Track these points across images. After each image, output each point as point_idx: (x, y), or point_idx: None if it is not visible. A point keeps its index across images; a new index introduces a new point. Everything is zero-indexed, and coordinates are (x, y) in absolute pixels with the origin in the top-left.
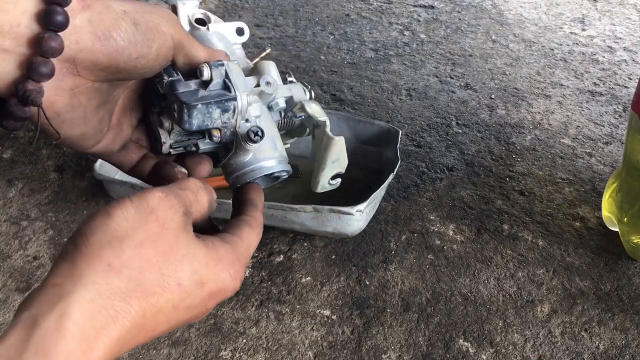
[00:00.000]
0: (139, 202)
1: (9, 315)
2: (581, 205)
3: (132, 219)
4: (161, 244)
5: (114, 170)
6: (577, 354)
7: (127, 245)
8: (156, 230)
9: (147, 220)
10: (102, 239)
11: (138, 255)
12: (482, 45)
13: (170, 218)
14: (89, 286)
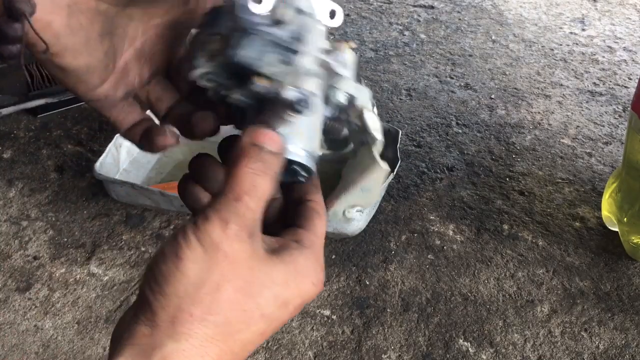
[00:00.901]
0: (203, 239)
1: (9, 315)
2: (581, 205)
3: (201, 261)
4: (237, 281)
5: (114, 170)
6: (577, 354)
7: (204, 293)
8: (229, 269)
9: (217, 259)
10: (179, 289)
11: (217, 299)
12: (482, 45)
13: (238, 250)
14: (178, 337)
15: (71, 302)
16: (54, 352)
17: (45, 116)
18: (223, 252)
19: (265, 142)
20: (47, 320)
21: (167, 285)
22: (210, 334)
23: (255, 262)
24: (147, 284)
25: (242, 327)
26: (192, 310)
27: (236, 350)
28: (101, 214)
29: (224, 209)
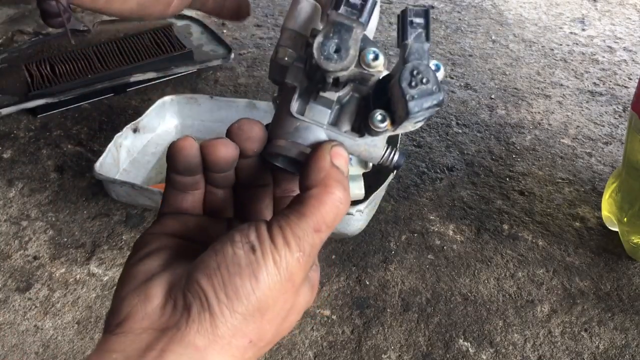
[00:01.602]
0: (281, 266)
1: (8, 315)
2: (581, 205)
3: (275, 289)
4: (289, 308)
5: (114, 170)
6: (577, 354)
7: (267, 320)
8: (292, 298)
9: (286, 289)
10: (249, 310)
11: (274, 326)
12: (482, 45)
13: (302, 279)
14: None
15: (71, 302)
16: (54, 352)
17: (45, 116)
18: (292, 283)
19: (342, 164)
20: (47, 321)
21: (239, 304)
22: (251, 356)
23: (302, 292)
24: (214, 291)
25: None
26: (252, 337)
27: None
28: (101, 214)
29: (303, 239)
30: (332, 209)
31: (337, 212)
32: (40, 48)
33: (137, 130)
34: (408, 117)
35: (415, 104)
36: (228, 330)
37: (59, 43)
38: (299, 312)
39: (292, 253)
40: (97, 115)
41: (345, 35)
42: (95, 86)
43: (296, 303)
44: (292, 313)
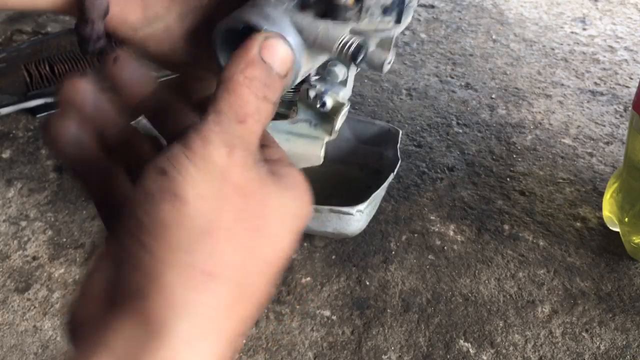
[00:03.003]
0: (206, 168)
1: (7, 316)
2: (582, 206)
3: (209, 196)
4: (250, 218)
5: None
6: (578, 355)
7: (218, 238)
8: (240, 204)
9: (226, 193)
10: (183, 235)
11: (233, 244)
12: (483, 44)
13: (248, 180)
14: (188, 314)
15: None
16: (53, 353)
17: (44, 116)
18: (232, 184)
19: (275, 61)
20: (46, 321)
21: (169, 234)
22: (230, 301)
23: (266, 194)
24: (134, 239)
25: (259, 282)
26: (208, 266)
27: (251, 316)
28: None
29: (227, 131)
30: (250, 98)
31: (256, 102)
32: (39, 48)
33: None
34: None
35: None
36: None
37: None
38: (283, 220)
39: (217, 149)
40: None
41: None
42: None
43: (266, 208)
44: (267, 222)
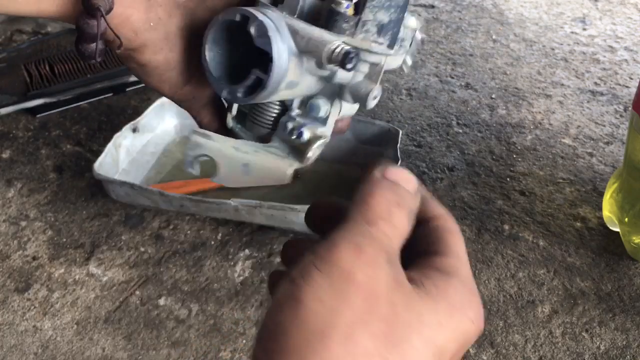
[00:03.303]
0: (330, 270)
1: (7, 316)
2: (582, 206)
3: (328, 298)
4: (377, 323)
5: (113, 170)
6: (578, 355)
7: (333, 341)
8: (363, 305)
9: (348, 293)
10: (299, 338)
11: (351, 349)
12: (483, 44)
13: (376, 279)
14: None
15: (70, 302)
16: (53, 353)
17: (44, 116)
18: (357, 283)
19: (400, 180)
20: (46, 321)
21: (286, 338)
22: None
23: (399, 296)
24: (260, 346)
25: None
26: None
27: None
28: (100, 214)
29: (354, 233)
30: (382, 202)
31: (388, 207)
32: (39, 48)
33: (136, 130)
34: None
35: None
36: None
37: (58, 43)
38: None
39: (342, 250)
40: (96, 115)
41: None
42: (94, 86)
43: (401, 315)
44: (400, 330)
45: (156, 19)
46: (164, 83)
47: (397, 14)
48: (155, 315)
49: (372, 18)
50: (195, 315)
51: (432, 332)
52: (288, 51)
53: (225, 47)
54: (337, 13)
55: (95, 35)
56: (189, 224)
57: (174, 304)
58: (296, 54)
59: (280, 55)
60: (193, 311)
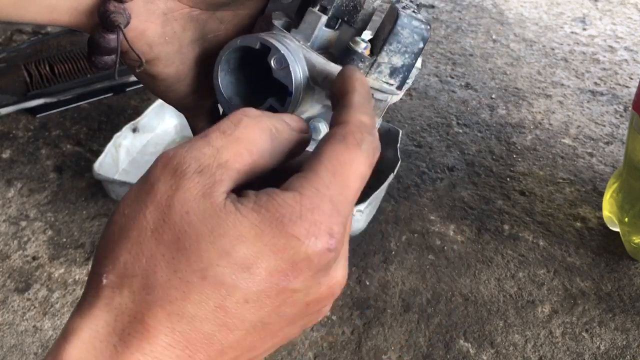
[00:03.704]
0: (139, 184)
1: (7, 316)
2: (582, 206)
3: (128, 210)
4: (165, 230)
5: (113, 170)
6: (578, 355)
7: (121, 247)
8: (156, 214)
9: (144, 204)
10: (100, 249)
11: (137, 253)
12: (483, 44)
13: (174, 190)
14: (86, 317)
15: (70, 302)
16: None
17: (44, 116)
18: (154, 194)
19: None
20: (46, 321)
21: (97, 250)
22: (129, 305)
23: (198, 207)
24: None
25: (176, 295)
26: (103, 275)
27: (180, 327)
28: (100, 214)
29: (180, 146)
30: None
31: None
32: (39, 48)
33: (136, 130)
34: (394, 31)
35: (406, 19)
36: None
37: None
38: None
39: (154, 164)
40: (96, 115)
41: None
42: (94, 86)
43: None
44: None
45: (171, 32)
46: (170, 93)
47: (411, 59)
48: None
49: (386, 61)
50: None
51: (228, 244)
52: (304, 84)
53: (237, 67)
54: (354, 52)
55: (111, 49)
56: None
57: None
58: (310, 86)
59: (297, 89)
60: None
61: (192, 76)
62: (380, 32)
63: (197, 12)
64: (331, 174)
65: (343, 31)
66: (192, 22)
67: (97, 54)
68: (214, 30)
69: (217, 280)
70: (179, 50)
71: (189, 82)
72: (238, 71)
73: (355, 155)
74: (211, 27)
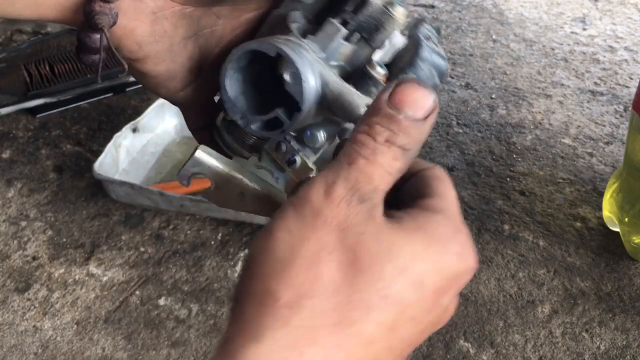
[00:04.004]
0: (301, 206)
1: (7, 316)
2: (582, 206)
3: (296, 229)
4: (344, 253)
5: (113, 170)
6: (578, 355)
7: (296, 267)
8: (330, 237)
9: (315, 227)
10: (265, 266)
11: (316, 277)
12: (483, 44)
13: (344, 215)
14: (261, 335)
15: (70, 302)
16: (53, 353)
17: (44, 116)
18: (323, 218)
19: (406, 104)
20: (46, 321)
21: (255, 267)
22: (307, 326)
23: (368, 228)
24: (239, 276)
25: (355, 317)
26: (279, 294)
27: (356, 351)
28: (100, 214)
29: (332, 173)
30: (367, 141)
31: (374, 146)
32: (39, 48)
33: (136, 130)
34: (413, 63)
35: (427, 52)
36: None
37: (58, 43)
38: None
39: (314, 189)
40: (96, 115)
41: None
42: (94, 86)
43: (370, 245)
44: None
45: (162, 31)
46: (162, 89)
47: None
48: (155, 315)
49: None
50: (195, 315)
51: (405, 260)
52: (314, 101)
53: (246, 66)
54: (370, 77)
55: (97, 48)
56: (189, 224)
57: (174, 304)
58: (318, 101)
59: (307, 107)
60: (193, 311)
61: (184, 73)
62: (398, 60)
63: (190, 9)
64: (451, 201)
65: (360, 47)
66: (184, 19)
67: (84, 52)
68: (210, 25)
69: (396, 298)
70: (169, 49)
71: (181, 78)
72: (246, 70)
73: (452, 189)
74: (207, 22)
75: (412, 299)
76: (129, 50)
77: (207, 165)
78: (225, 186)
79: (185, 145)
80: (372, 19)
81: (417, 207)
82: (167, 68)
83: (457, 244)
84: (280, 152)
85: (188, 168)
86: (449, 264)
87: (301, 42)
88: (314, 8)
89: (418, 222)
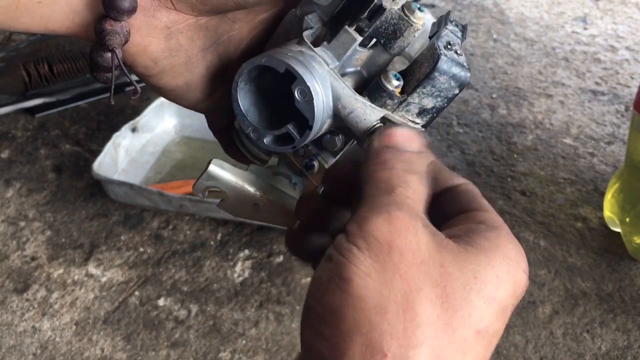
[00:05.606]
0: (367, 244)
1: (6, 317)
2: (583, 206)
3: (375, 272)
4: (429, 287)
5: (112, 170)
6: (579, 355)
7: (392, 313)
8: (413, 272)
9: (393, 264)
10: (357, 317)
11: (414, 321)
12: (483, 44)
13: (416, 244)
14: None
15: (69, 303)
16: (52, 354)
17: (43, 116)
18: (399, 251)
19: (401, 143)
20: (45, 322)
21: (341, 322)
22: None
23: (446, 257)
24: (311, 330)
25: (458, 358)
26: (385, 348)
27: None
28: (99, 215)
29: (379, 204)
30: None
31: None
32: (38, 47)
33: (135, 129)
34: (430, 75)
35: (446, 62)
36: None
37: (57, 42)
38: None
39: (373, 221)
40: (96, 115)
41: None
42: (93, 85)
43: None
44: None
45: (177, 46)
46: (182, 101)
47: (443, 103)
48: (155, 316)
49: (417, 101)
50: (195, 315)
51: (492, 288)
52: (325, 117)
53: (258, 76)
54: (384, 89)
55: (105, 68)
56: (189, 224)
57: (173, 305)
58: (330, 115)
59: (318, 124)
60: (192, 312)
61: (204, 83)
62: (415, 70)
63: (205, 19)
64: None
65: (376, 52)
66: (200, 31)
67: (97, 70)
68: (227, 32)
69: (488, 331)
70: (186, 62)
71: (202, 89)
72: (258, 79)
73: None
74: (224, 29)
75: (497, 328)
76: (143, 67)
77: (221, 178)
78: (240, 198)
79: (185, 145)
80: (390, 26)
81: (477, 223)
82: (184, 81)
83: (523, 260)
84: (299, 156)
85: (202, 182)
86: (521, 283)
87: (314, 53)
88: (330, 9)
89: (491, 241)
